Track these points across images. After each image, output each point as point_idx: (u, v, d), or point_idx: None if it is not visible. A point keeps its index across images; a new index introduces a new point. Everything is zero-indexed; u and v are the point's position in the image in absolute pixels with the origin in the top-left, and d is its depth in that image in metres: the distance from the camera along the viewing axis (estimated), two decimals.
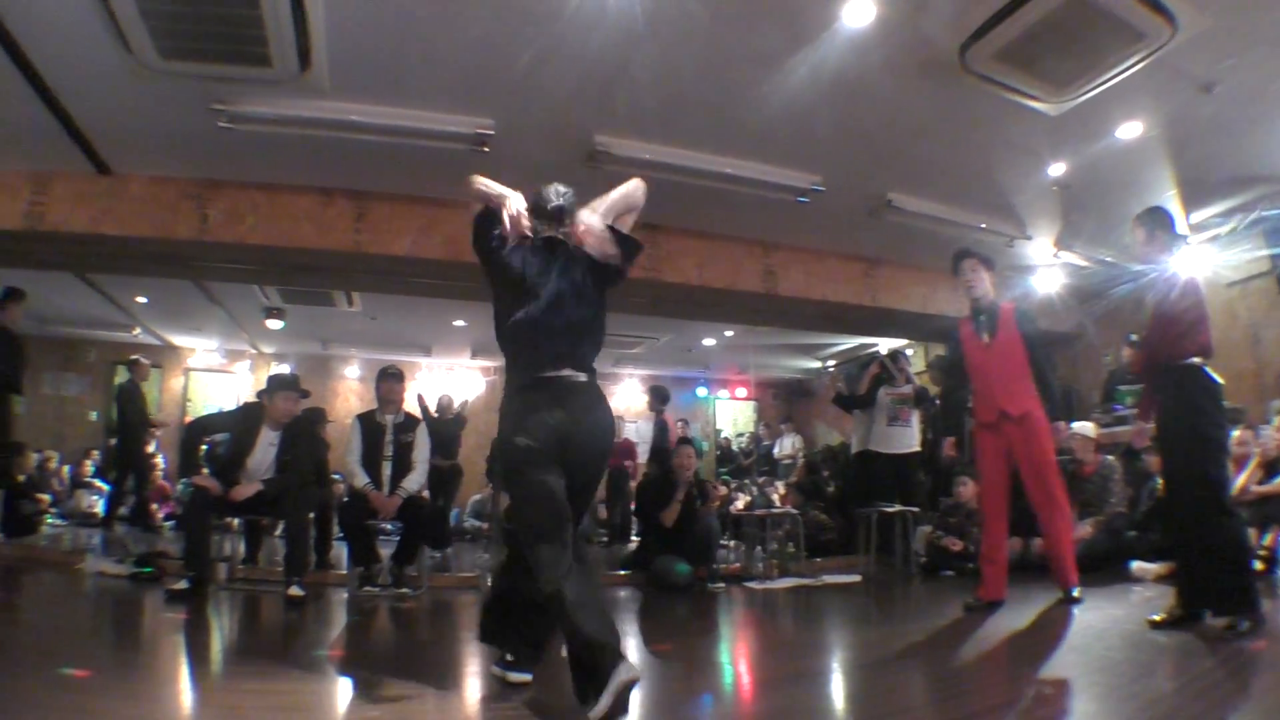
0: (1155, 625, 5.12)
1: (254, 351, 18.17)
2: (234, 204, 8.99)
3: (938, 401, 10.59)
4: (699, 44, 6.24)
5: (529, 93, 6.95)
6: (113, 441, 12.33)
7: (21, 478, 10.59)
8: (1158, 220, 5.59)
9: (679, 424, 13.63)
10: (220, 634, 5.56)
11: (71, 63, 6.80)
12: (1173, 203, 8.64)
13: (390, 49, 6.52)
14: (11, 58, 6.67)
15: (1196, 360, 5.21)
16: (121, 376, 13.09)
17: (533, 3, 5.82)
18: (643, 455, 14.02)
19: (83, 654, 4.43)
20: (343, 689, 3.71)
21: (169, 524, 12.78)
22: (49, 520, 12.13)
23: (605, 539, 13.39)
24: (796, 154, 8.06)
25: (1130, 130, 7.37)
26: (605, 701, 3.18)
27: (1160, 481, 6.36)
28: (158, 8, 5.87)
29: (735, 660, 5.18)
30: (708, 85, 6.82)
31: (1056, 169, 8.11)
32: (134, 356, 12.98)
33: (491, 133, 7.49)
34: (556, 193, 4.26)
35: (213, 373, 18.35)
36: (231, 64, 6.62)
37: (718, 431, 19.57)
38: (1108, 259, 10.28)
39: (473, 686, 3.89)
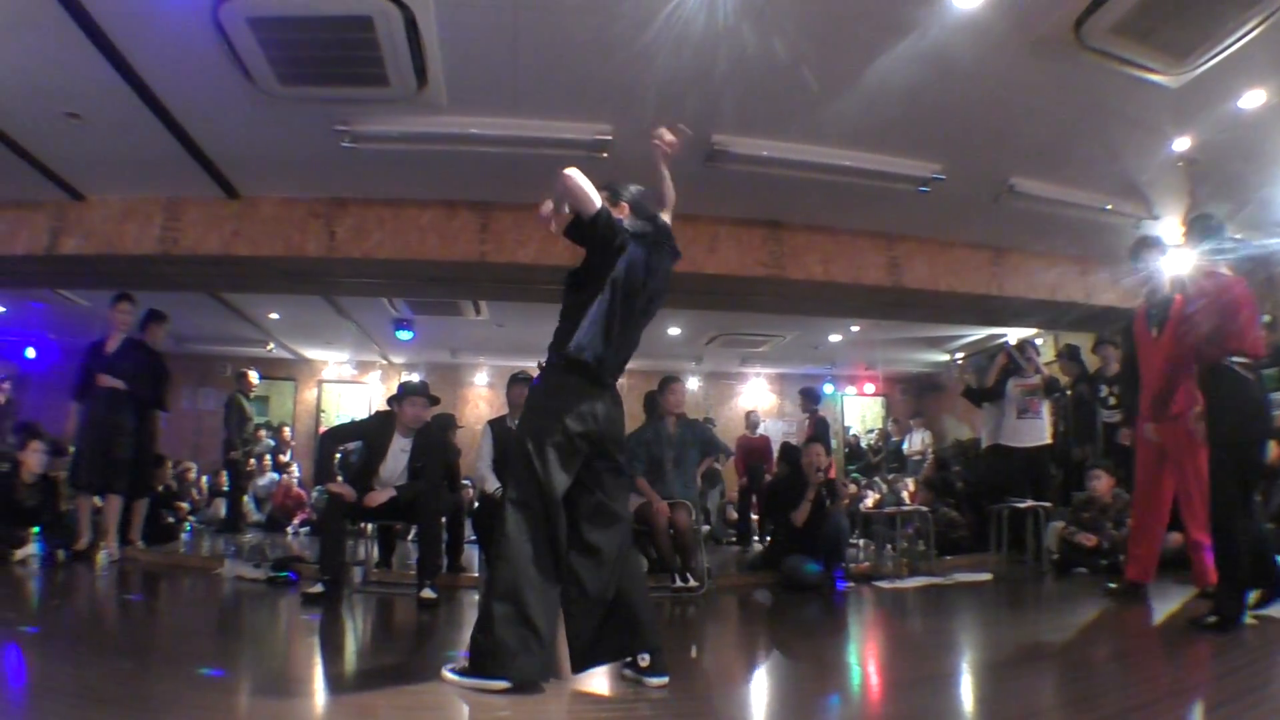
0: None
1: (384, 362, 18.57)
2: (360, 220, 9.24)
3: (1068, 392, 10.36)
4: (806, 36, 6.16)
5: (644, 96, 6.95)
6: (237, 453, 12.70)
7: (161, 488, 10.96)
8: (1196, 226, 5.85)
9: (806, 421, 13.47)
10: (354, 636, 5.68)
11: (196, 94, 7.14)
12: None
13: (504, 62, 6.62)
14: (139, 93, 7.01)
15: (1231, 360, 5.38)
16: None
17: (635, 6, 5.85)
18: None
19: (221, 655, 4.56)
20: (474, 690, 3.75)
21: (305, 529, 13.16)
22: (188, 528, 12.55)
23: (734, 540, 13.34)
24: (915, 142, 7.93)
25: (1254, 99, 7.06)
26: None
27: None
28: (277, 38, 6.11)
29: (864, 661, 5.13)
30: (819, 77, 6.72)
31: (1181, 144, 7.79)
32: (240, 369, 13.34)
33: (610, 138, 7.54)
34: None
35: (345, 384, 18.82)
36: (350, 86, 6.85)
37: (846, 429, 19.36)
38: (1238, 236, 9.91)
39: (601, 685, 3.91)
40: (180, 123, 7.61)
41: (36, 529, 8.21)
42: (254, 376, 13.45)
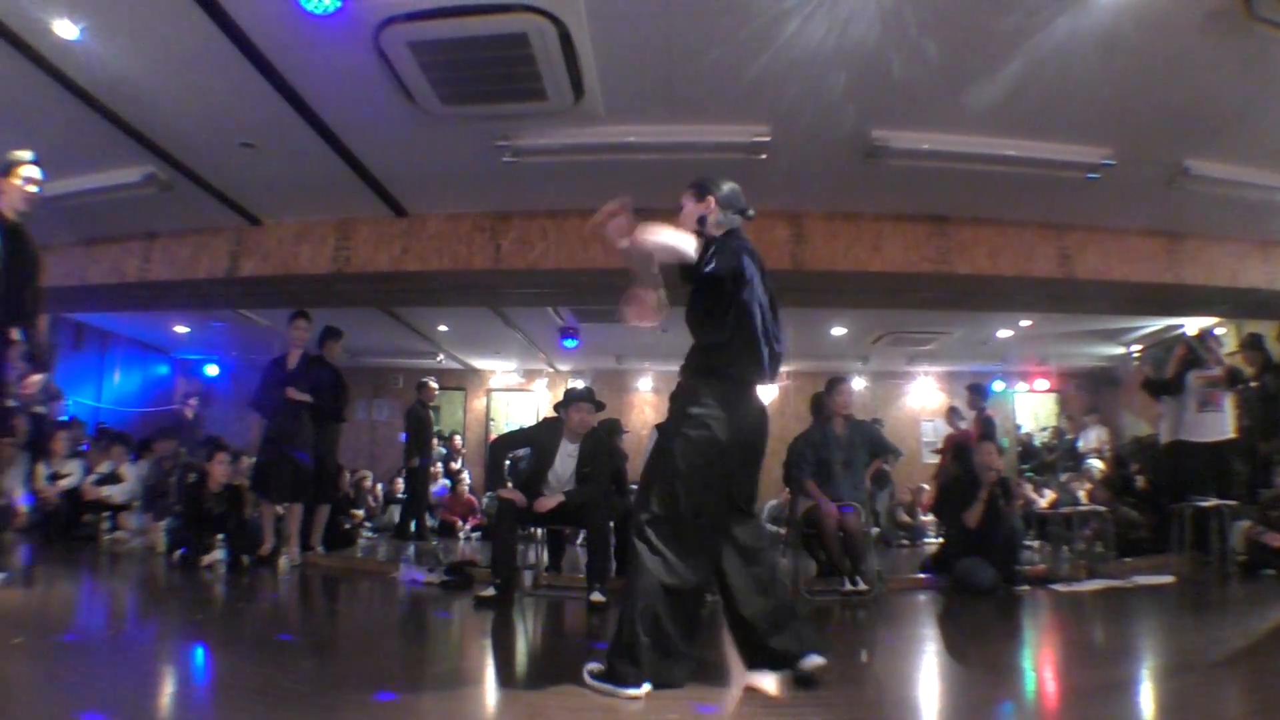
0: None
1: (551, 370, 18.82)
2: (524, 232, 9.42)
3: (1253, 383, 9.90)
4: (963, 21, 6.04)
5: (801, 94, 6.93)
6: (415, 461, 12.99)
7: (340, 495, 11.34)
8: None
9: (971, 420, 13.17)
10: (525, 638, 5.79)
11: (362, 119, 7.45)
12: None
13: (658, 69, 6.67)
14: (308, 121, 7.34)
15: None
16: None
17: (786, 4, 5.83)
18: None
19: (397, 655, 4.69)
20: (641, 692, 3.77)
21: (475, 535, 13.44)
22: (365, 534, 12.97)
23: (905, 542, 13.16)
24: (1081, 128, 7.62)
25: None
26: None
27: None
28: (437, 60, 6.31)
29: (1039, 667, 5.00)
30: (979, 64, 6.58)
31: None
32: (422, 379, 13.66)
33: (768, 139, 7.53)
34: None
35: (512, 392, 19.15)
36: (509, 102, 7.01)
37: (1018, 427, 18.81)
38: None
39: (769, 689, 3.89)
40: (348, 147, 7.92)
41: (222, 536, 8.57)
42: (434, 386, 13.83)
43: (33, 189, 5.62)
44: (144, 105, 7.30)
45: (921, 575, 8.43)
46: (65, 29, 6.12)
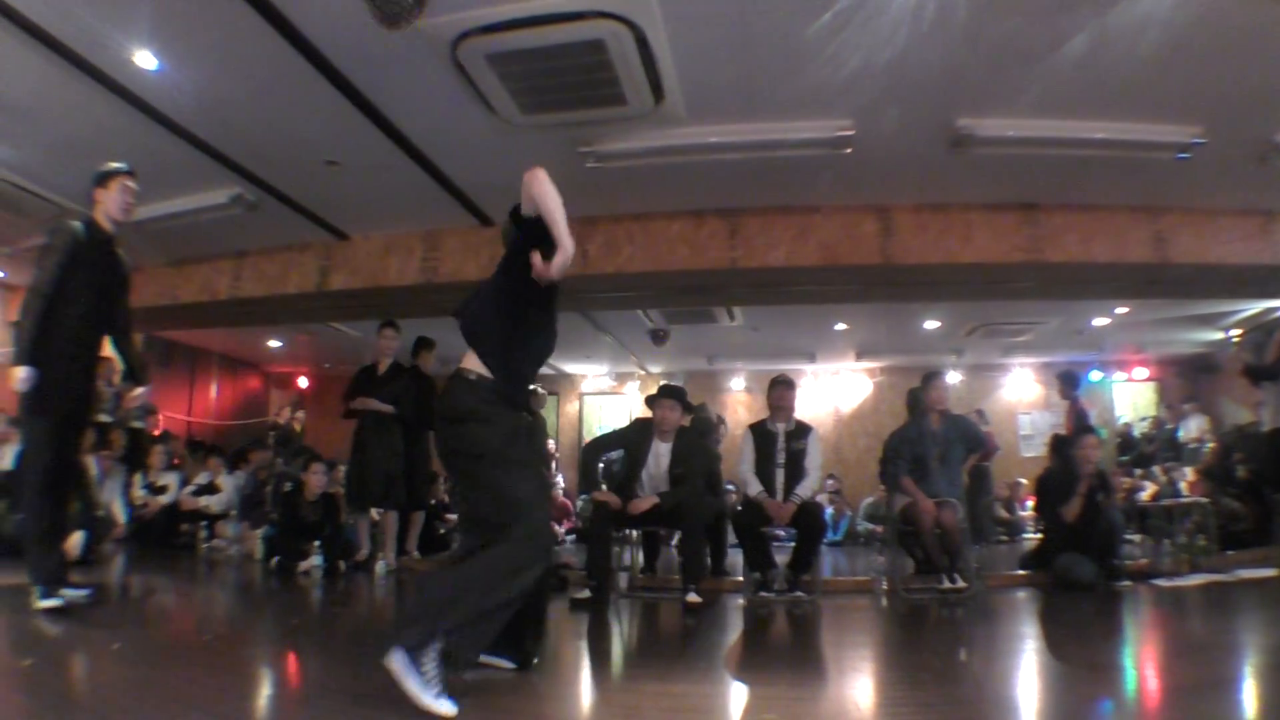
0: None
1: (642, 372, 18.87)
2: (611, 237, 9.49)
3: None
4: (1041, 3, 5.92)
5: (883, 85, 6.84)
6: None
7: (434, 502, 11.47)
8: None
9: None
10: (621, 639, 5.81)
11: (443, 132, 7.58)
12: None
13: (738, 68, 6.67)
14: (390, 136, 7.52)
15: None
16: None
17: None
18: (1035, 448, 13.54)
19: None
20: (738, 692, 3.77)
21: (570, 538, 13.50)
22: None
23: (1004, 538, 12.99)
24: (1169, 106, 7.37)
25: None
26: None
27: None
28: (514, 70, 6.40)
29: (1140, 664, 4.88)
30: (1061, 45, 6.40)
31: None
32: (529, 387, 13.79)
33: (852, 132, 7.48)
34: None
35: (604, 395, 19.24)
36: (589, 108, 7.06)
37: (1117, 417, 18.38)
38: None
39: (864, 688, 3.86)
40: (431, 159, 8.06)
41: (318, 542, 8.71)
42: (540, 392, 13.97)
43: (130, 199, 5.66)
44: (226, 129, 7.52)
45: (1020, 571, 8.29)
46: (145, 60, 6.34)
